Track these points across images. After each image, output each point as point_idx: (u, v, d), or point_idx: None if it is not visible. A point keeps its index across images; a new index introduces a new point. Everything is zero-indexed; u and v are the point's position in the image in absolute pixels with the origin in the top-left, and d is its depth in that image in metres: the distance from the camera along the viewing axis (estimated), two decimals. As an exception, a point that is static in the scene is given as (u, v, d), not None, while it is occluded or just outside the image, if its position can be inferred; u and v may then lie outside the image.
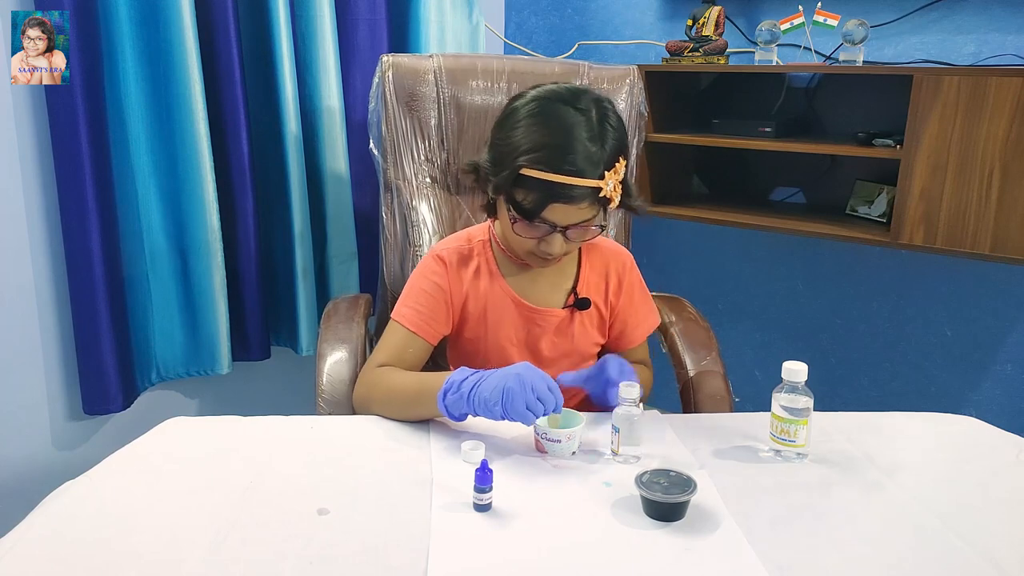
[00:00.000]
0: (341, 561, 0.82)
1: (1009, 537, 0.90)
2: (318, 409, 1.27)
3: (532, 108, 1.12)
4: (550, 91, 1.14)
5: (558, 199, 1.08)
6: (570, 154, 1.07)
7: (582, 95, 1.12)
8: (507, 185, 1.11)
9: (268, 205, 1.93)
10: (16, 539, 0.85)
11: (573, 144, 1.07)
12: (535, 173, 1.08)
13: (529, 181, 1.09)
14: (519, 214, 1.12)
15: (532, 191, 1.09)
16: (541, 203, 1.09)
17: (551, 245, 1.14)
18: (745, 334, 2.36)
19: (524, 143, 1.09)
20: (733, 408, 1.36)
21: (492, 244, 1.27)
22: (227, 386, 1.98)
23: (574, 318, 1.27)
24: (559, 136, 1.08)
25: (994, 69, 1.63)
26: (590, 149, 1.08)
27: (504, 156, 1.12)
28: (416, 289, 1.25)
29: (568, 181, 1.07)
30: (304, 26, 1.90)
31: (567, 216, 1.11)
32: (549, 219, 1.11)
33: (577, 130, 1.08)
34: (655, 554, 0.85)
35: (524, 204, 1.11)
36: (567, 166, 1.07)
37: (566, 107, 1.10)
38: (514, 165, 1.09)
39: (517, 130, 1.11)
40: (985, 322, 1.98)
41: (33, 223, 1.64)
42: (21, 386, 1.68)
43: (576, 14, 2.43)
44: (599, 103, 1.12)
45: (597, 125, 1.10)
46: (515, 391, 1.00)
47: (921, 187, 1.68)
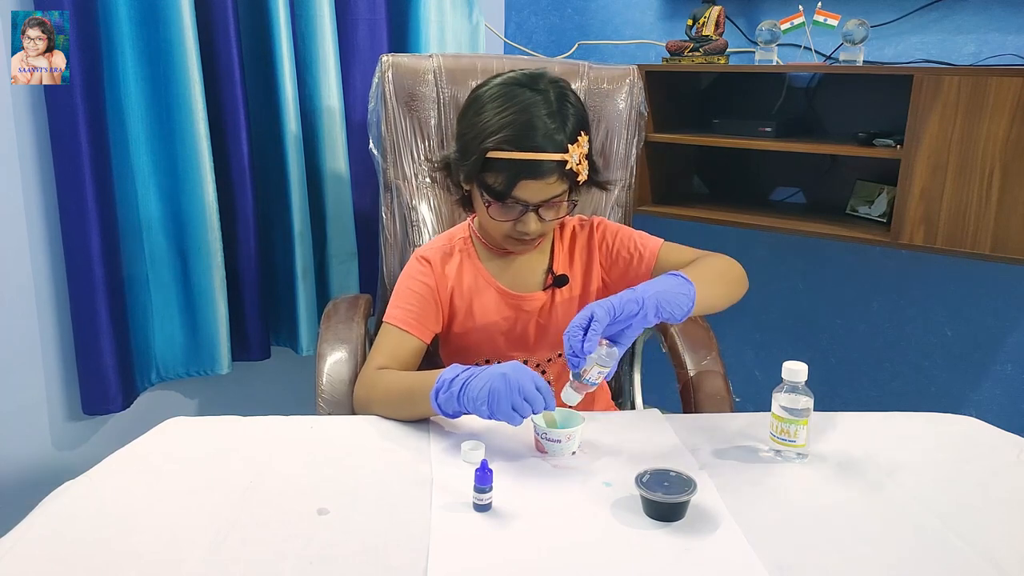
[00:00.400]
0: (341, 561, 0.82)
1: (1009, 537, 0.90)
2: (318, 409, 1.27)
3: (492, 94, 1.18)
4: (508, 77, 1.20)
5: (526, 175, 1.13)
6: (532, 131, 1.12)
7: (539, 78, 1.18)
8: (476, 170, 1.16)
9: (268, 205, 1.93)
10: (16, 539, 0.85)
11: (534, 122, 1.13)
12: (501, 154, 1.13)
13: (497, 163, 1.14)
14: (491, 197, 1.16)
15: (501, 172, 1.14)
16: (510, 182, 1.14)
17: (527, 225, 1.18)
18: (745, 334, 2.36)
19: (488, 127, 1.15)
20: (733, 408, 1.36)
21: (473, 239, 1.31)
22: (227, 386, 1.98)
23: (555, 298, 1.30)
24: (520, 116, 1.13)
25: (994, 69, 1.63)
26: (551, 125, 1.13)
27: (470, 143, 1.17)
28: (404, 290, 1.28)
29: (533, 157, 1.12)
30: (304, 26, 1.90)
31: (538, 192, 1.15)
32: (521, 197, 1.15)
33: (536, 109, 1.14)
34: (655, 554, 0.85)
35: (495, 186, 1.15)
36: (530, 143, 1.12)
37: (524, 89, 1.16)
38: (480, 149, 1.14)
39: (480, 116, 1.17)
40: (985, 322, 1.98)
41: (33, 223, 1.64)
42: (21, 386, 1.68)
43: (576, 14, 2.43)
44: (555, 83, 1.18)
45: (556, 103, 1.15)
46: (500, 392, 1.00)
47: (921, 187, 1.69)
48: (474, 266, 1.30)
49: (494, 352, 1.30)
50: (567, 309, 1.30)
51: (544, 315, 1.30)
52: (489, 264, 1.30)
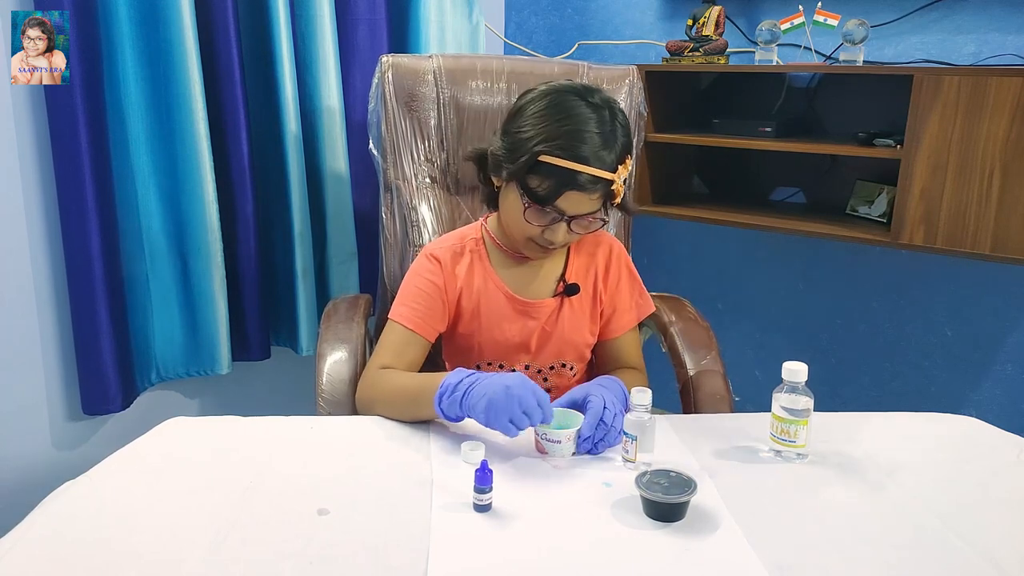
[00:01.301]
0: (341, 561, 0.82)
1: (1009, 537, 0.90)
2: (318, 409, 1.27)
3: (549, 100, 1.17)
4: (564, 85, 1.19)
5: (573, 186, 1.13)
6: (586, 144, 1.12)
7: (595, 92, 1.18)
8: (523, 171, 1.15)
9: (268, 205, 1.93)
10: (16, 539, 0.85)
11: (589, 135, 1.13)
12: (553, 159, 1.12)
13: (546, 167, 1.13)
14: (532, 199, 1.15)
15: (548, 177, 1.13)
16: (557, 189, 1.13)
17: (555, 233, 1.18)
18: (745, 334, 2.36)
19: (541, 132, 1.14)
20: (733, 408, 1.36)
21: (485, 240, 1.30)
22: (227, 386, 1.98)
23: (564, 306, 1.29)
24: (577, 126, 1.13)
25: (994, 69, 1.63)
26: (604, 142, 1.13)
27: (520, 143, 1.16)
28: (411, 288, 1.27)
29: (586, 170, 1.12)
30: (304, 26, 1.90)
31: (579, 205, 1.15)
32: (561, 207, 1.15)
33: (591, 123, 1.13)
34: (655, 554, 0.85)
35: (539, 191, 1.14)
36: (583, 156, 1.12)
37: (580, 100, 1.15)
38: (532, 151, 1.13)
39: (534, 119, 1.16)
40: (985, 322, 1.98)
41: (33, 223, 1.64)
42: (21, 386, 1.68)
43: (576, 14, 2.43)
44: (609, 103, 1.17)
45: (609, 121, 1.15)
46: (500, 404, 1.00)
47: (921, 187, 1.68)
48: (484, 268, 1.29)
49: (497, 355, 1.30)
50: (574, 318, 1.30)
51: (551, 322, 1.29)
52: (500, 268, 1.29)
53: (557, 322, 1.29)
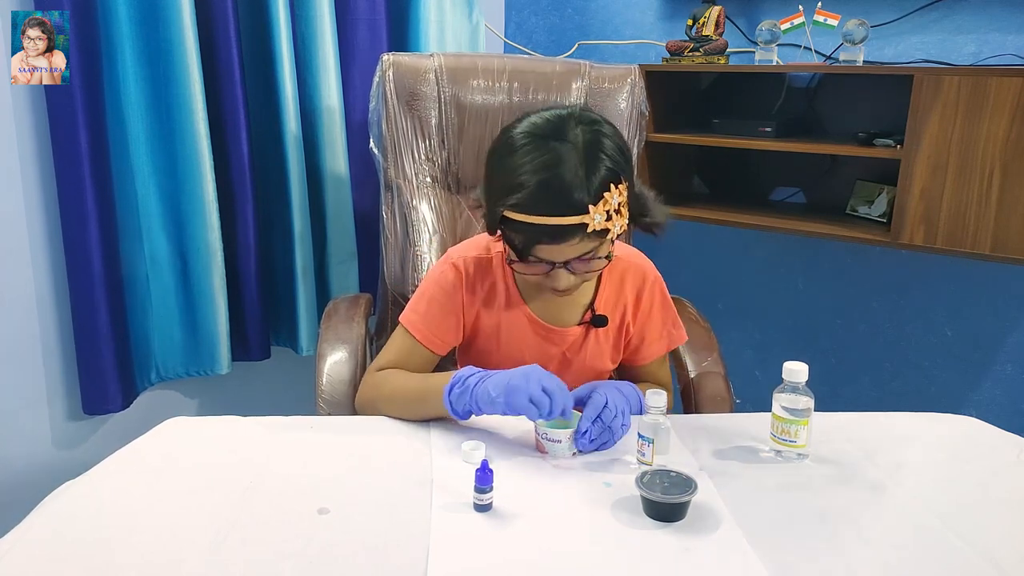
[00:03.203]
0: (341, 561, 0.82)
1: (1009, 537, 0.90)
2: (318, 409, 1.27)
3: (515, 144, 1.06)
4: (535, 125, 1.07)
5: (543, 240, 1.04)
6: (550, 193, 1.01)
7: (569, 122, 1.06)
8: (495, 228, 1.10)
9: (268, 205, 1.93)
10: (16, 539, 0.85)
11: (553, 182, 1.02)
12: (515, 216, 1.04)
13: (514, 223, 1.05)
14: (513, 252, 1.10)
15: (518, 232, 1.06)
16: (528, 245, 1.06)
17: (557, 280, 1.10)
18: (745, 334, 2.36)
19: (505, 185, 1.05)
20: (734, 409, 1.36)
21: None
22: (227, 386, 1.98)
23: (589, 335, 1.24)
24: (539, 175, 1.02)
25: (994, 69, 1.63)
26: (572, 184, 1.01)
27: (490, 196, 1.09)
28: (428, 296, 1.22)
29: (549, 222, 1.02)
30: (304, 26, 1.90)
31: (560, 254, 1.07)
32: (543, 258, 1.08)
33: (559, 166, 1.02)
34: (655, 554, 0.85)
35: (515, 244, 1.08)
36: (546, 207, 1.02)
37: (547, 141, 1.04)
38: (495, 209, 1.06)
39: (500, 170, 1.07)
40: (985, 322, 1.98)
41: (33, 223, 1.64)
42: (21, 386, 1.68)
43: (576, 14, 2.43)
44: (589, 129, 1.05)
45: (584, 153, 1.03)
46: (519, 386, 1.00)
47: (921, 187, 1.68)
48: (508, 288, 1.22)
49: None
50: (597, 348, 1.25)
51: (573, 350, 1.24)
52: (525, 288, 1.22)
53: (580, 351, 1.24)
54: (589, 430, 1.04)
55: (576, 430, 1.05)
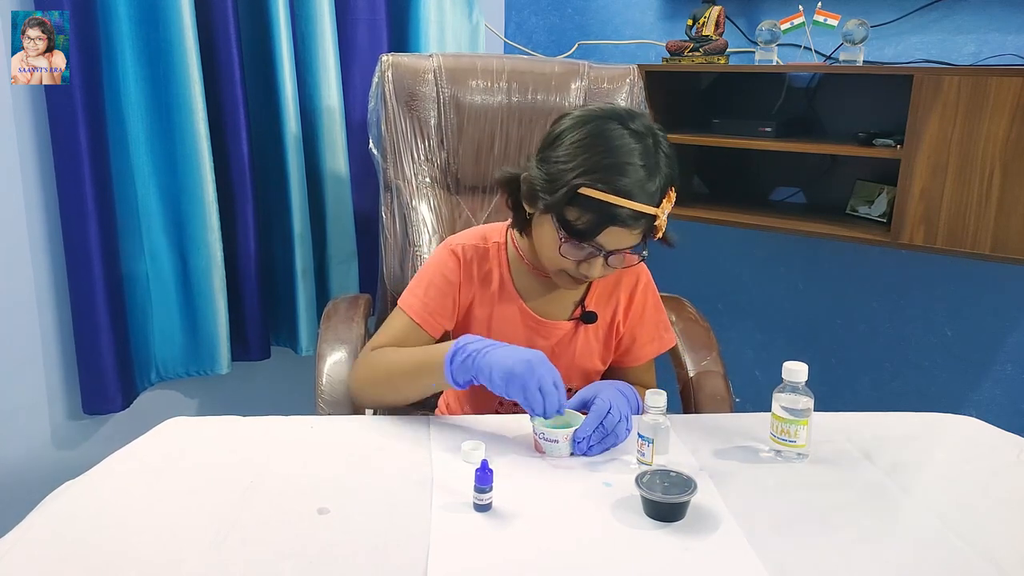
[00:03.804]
0: (341, 561, 0.82)
1: (1009, 537, 0.90)
2: (318, 409, 1.27)
3: (588, 127, 1.09)
4: (604, 111, 1.12)
5: (615, 221, 1.06)
6: (629, 177, 1.05)
7: (636, 117, 1.11)
8: (562, 204, 1.08)
9: (268, 205, 1.93)
10: (16, 539, 0.85)
11: (632, 167, 1.06)
12: (595, 193, 1.05)
13: (585, 201, 1.06)
14: (570, 234, 1.09)
15: (588, 211, 1.06)
16: (597, 224, 1.07)
17: (592, 268, 1.12)
18: (745, 334, 2.36)
19: (582, 162, 1.06)
20: (733, 408, 1.36)
21: (508, 249, 1.25)
22: (227, 386, 1.98)
23: (578, 332, 1.25)
24: (618, 156, 1.06)
25: (994, 69, 1.63)
26: (648, 174, 1.06)
27: (558, 174, 1.08)
28: (427, 280, 1.23)
29: (629, 204, 1.05)
30: (304, 26, 1.90)
31: (619, 240, 1.09)
32: (600, 242, 1.09)
33: (635, 154, 1.06)
34: (655, 554, 0.85)
35: (577, 224, 1.08)
36: (626, 189, 1.05)
37: (621, 128, 1.08)
38: (571, 183, 1.06)
39: (573, 148, 1.08)
40: (985, 322, 1.98)
41: (33, 223, 1.64)
42: (21, 386, 1.68)
43: (576, 14, 2.43)
44: (652, 130, 1.10)
45: (653, 151, 1.08)
46: (522, 377, 1.00)
47: (921, 187, 1.68)
48: (503, 277, 1.23)
49: None
50: (587, 345, 1.26)
51: (562, 346, 1.25)
52: (519, 280, 1.24)
53: (568, 346, 1.25)
54: (588, 437, 1.04)
55: (575, 434, 1.05)
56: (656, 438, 1.01)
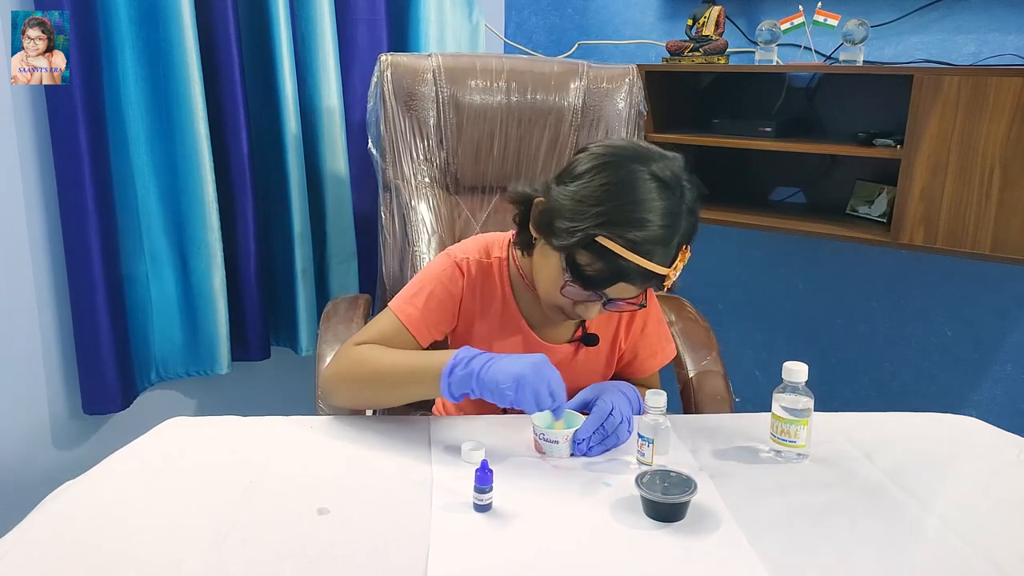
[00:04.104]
0: (341, 561, 0.82)
1: (1009, 537, 0.90)
2: (318, 409, 1.27)
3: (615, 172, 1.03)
4: (629, 151, 1.05)
5: (626, 278, 1.02)
6: (650, 234, 1.00)
7: (667, 162, 1.04)
8: (575, 248, 1.02)
9: (268, 205, 1.93)
10: (16, 539, 0.85)
11: (654, 225, 1.00)
12: (611, 246, 1.00)
13: (600, 250, 1.00)
14: (576, 279, 1.04)
15: (600, 261, 1.01)
16: (608, 278, 1.02)
17: (589, 311, 1.09)
18: (745, 334, 2.36)
19: (604, 211, 1.01)
20: (733, 408, 1.36)
21: (509, 265, 1.20)
22: (227, 386, 1.98)
23: (579, 353, 1.23)
24: (642, 212, 1.00)
25: (994, 69, 1.63)
26: (669, 235, 1.01)
27: (575, 215, 1.02)
28: (428, 290, 1.17)
29: (645, 264, 1.00)
30: (304, 26, 1.90)
31: (625, 292, 1.05)
32: (605, 293, 1.05)
33: (658, 212, 1.00)
34: (655, 554, 0.85)
35: (587, 271, 1.03)
36: (646, 248, 1.00)
37: (650, 178, 1.01)
38: (589, 232, 1.00)
39: (596, 189, 1.02)
40: (985, 322, 1.98)
41: (33, 223, 1.64)
42: (21, 386, 1.68)
43: (576, 14, 2.43)
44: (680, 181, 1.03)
45: (678, 206, 1.02)
46: (530, 378, 0.99)
47: (921, 187, 1.68)
48: (505, 297, 1.20)
49: None
50: (588, 365, 1.24)
51: (563, 366, 1.17)
52: (521, 300, 1.20)
53: (569, 367, 1.22)
54: (588, 438, 1.04)
55: (576, 434, 1.04)
56: (656, 438, 1.01)
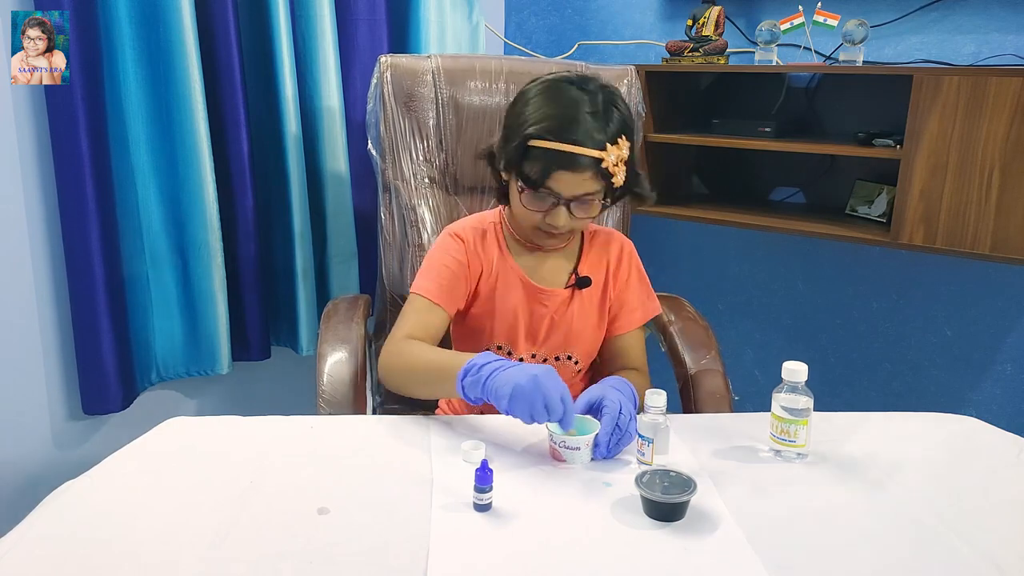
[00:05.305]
0: (341, 561, 0.82)
1: (1009, 537, 0.90)
2: (318, 409, 1.27)
3: (541, 88, 1.20)
4: (560, 75, 1.22)
5: (562, 167, 1.15)
6: (573, 124, 1.14)
7: (590, 79, 1.20)
8: (516, 158, 1.18)
9: (268, 205, 1.93)
10: (16, 539, 0.85)
11: (576, 116, 1.15)
12: (541, 143, 1.15)
13: (535, 152, 1.16)
14: (526, 185, 1.18)
15: (538, 161, 1.16)
16: (546, 171, 1.15)
17: (556, 217, 1.19)
18: (745, 334, 2.36)
19: (532, 117, 1.17)
20: (733, 407, 1.36)
21: (503, 227, 1.32)
22: (227, 386, 1.98)
23: (575, 298, 1.31)
24: (564, 109, 1.16)
25: (994, 69, 1.63)
26: (592, 122, 1.15)
27: (513, 131, 1.19)
28: (436, 264, 1.28)
29: (571, 149, 1.14)
30: (304, 26, 1.90)
31: (571, 186, 1.16)
32: (554, 188, 1.17)
33: (581, 105, 1.15)
34: (655, 554, 0.85)
35: (531, 175, 1.17)
36: (570, 136, 1.14)
37: (572, 87, 1.18)
38: (522, 136, 1.16)
39: (526, 107, 1.19)
40: (985, 322, 1.98)
41: (33, 223, 1.64)
42: (21, 386, 1.68)
43: (576, 14, 2.43)
44: (605, 88, 1.19)
45: (602, 104, 1.16)
46: (524, 394, 1.00)
47: (921, 187, 1.69)
48: (502, 251, 1.31)
49: (505, 340, 1.31)
50: (583, 311, 1.32)
51: (560, 312, 1.31)
52: (517, 255, 1.31)
53: (567, 313, 1.31)
54: (608, 441, 1.04)
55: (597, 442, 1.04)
56: (656, 438, 1.01)
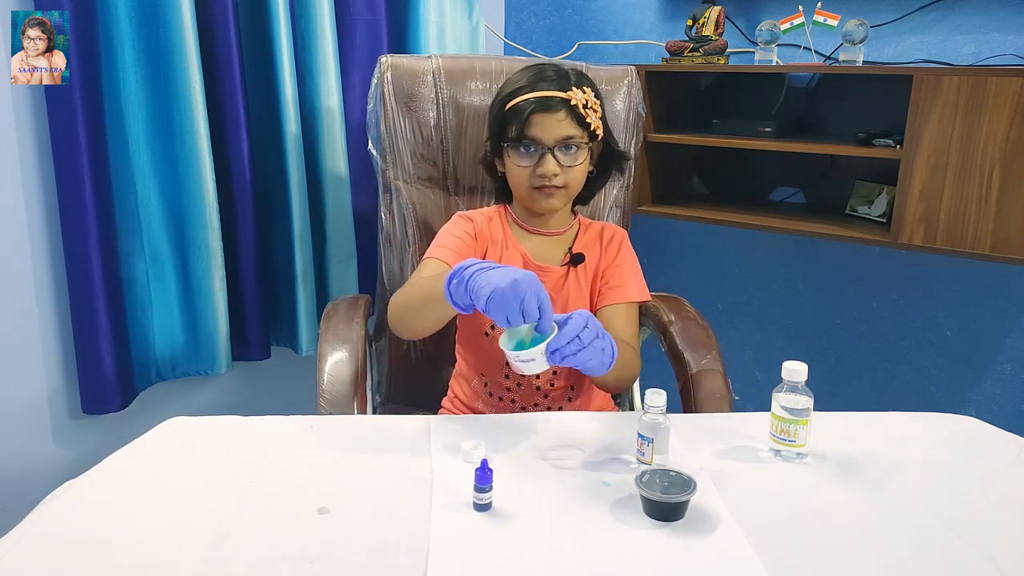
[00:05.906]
0: (341, 561, 0.82)
1: (1009, 537, 0.90)
2: (319, 409, 1.27)
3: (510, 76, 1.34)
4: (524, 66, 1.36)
5: (536, 111, 1.26)
6: (539, 78, 1.29)
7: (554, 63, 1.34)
8: (499, 126, 1.31)
9: (268, 205, 1.93)
10: (16, 538, 0.85)
11: (542, 72, 1.30)
12: (514, 100, 1.28)
13: (512, 111, 1.28)
14: (512, 143, 1.29)
15: (515, 116, 1.28)
16: (524, 121, 1.27)
17: (545, 166, 1.28)
18: (745, 334, 2.36)
19: (504, 90, 1.32)
20: (733, 407, 1.36)
21: (506, 214, 1.41)
22: (227, 386, 1.97)
23: (569, 275, 1.37)
24: (528, 72, 1.31)
25: (994, 69, 1.63)
26: (555, 73, 1.29)
27: (494, 114, 1.33)
28: (447, 235, 1.35)
29: (539, 94, 1.26)
30: (304, 26, 1.90)
31: (549, 129, 1.27)
32: (536, 136, 1.27)
33: (545, 68, 1.31)
34: (655, 554, 0.85)
35: (513, 132, 1.28)
36: (538, 86, 1.28)
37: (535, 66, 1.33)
38: (499, 105, 1.31)
39: (500, 91, 1.33)
40: (985, 322, 1.98)
41: (33, 223, 1.63)
42: (21, 386, 1.68)
43: (576, 14, 2.43)
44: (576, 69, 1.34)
45: (567, 68, 1.32)
46: (502, 297, 0.97)
47: (921, 187, 1.69)
48: (506, 233, 1.39)
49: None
50: (578, 288, 1.38)
51: (556, 289, 1.36)
52: (520, 236, 1.40)
53: (563, 289, 1.37)
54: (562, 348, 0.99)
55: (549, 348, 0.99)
56: (656, 438, 1.01)
